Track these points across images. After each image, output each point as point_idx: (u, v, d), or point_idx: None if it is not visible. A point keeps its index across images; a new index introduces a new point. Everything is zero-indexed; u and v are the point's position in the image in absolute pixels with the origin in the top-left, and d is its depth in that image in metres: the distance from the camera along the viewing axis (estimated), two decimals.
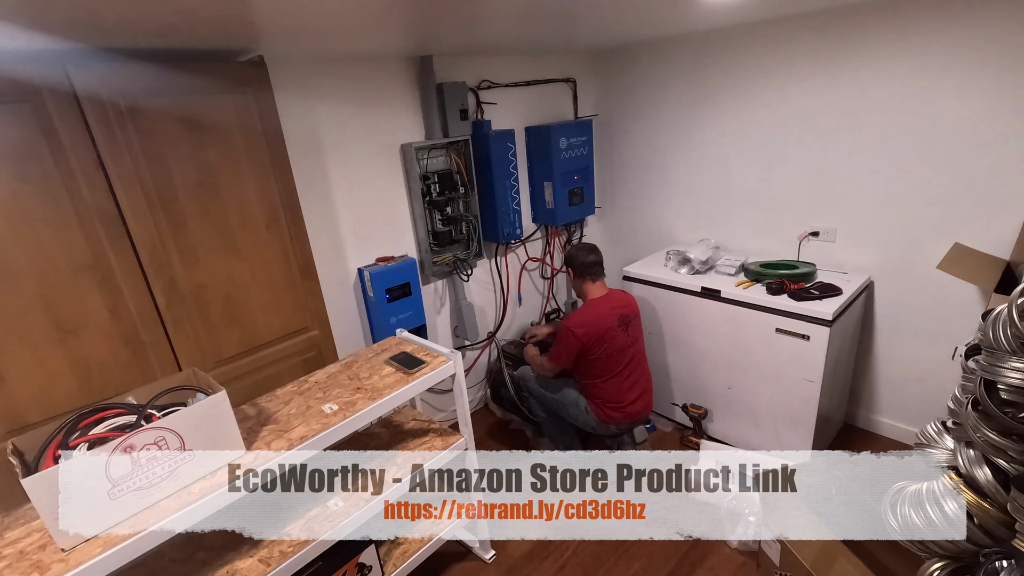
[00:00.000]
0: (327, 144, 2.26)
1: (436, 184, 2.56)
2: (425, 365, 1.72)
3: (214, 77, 1.61)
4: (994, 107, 1.96)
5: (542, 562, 2.10)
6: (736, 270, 2.57)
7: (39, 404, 1.44)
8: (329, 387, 1.67)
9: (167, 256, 1.60)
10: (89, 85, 1.38)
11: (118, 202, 1.49)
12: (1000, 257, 1.97)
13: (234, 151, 1.69)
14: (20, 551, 1.12)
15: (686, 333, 2.65)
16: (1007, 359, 0.92)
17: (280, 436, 1.43)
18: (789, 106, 2.46)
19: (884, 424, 2.65)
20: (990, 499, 0.96)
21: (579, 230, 3.47)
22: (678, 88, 2.84)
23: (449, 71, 2.53)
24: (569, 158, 2.94)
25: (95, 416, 1.21)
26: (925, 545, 1.05)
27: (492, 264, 3.04)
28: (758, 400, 2.46)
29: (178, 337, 1.66)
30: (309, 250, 1.94)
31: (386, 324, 2.43)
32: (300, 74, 2.11)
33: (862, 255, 2.45)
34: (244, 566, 1.41)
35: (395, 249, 2.58)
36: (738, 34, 2.52)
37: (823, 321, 2.12)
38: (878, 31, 2.12)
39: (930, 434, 1.15)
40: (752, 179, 2.71)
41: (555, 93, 3.11)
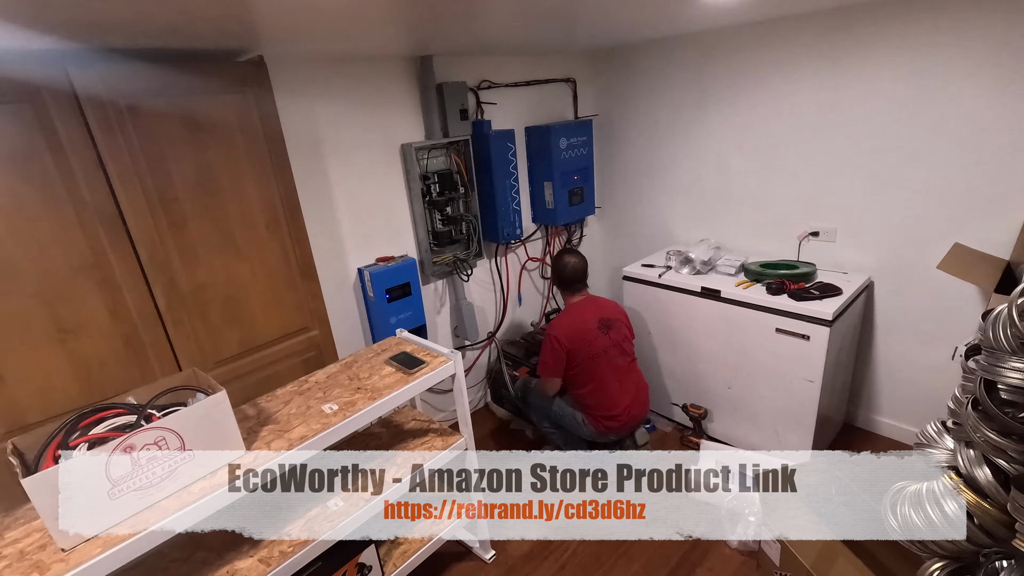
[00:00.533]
0: (327, 144, 2.26)
1: (436, 184, 2.56)
2: (425, 365, 1.72)
3: (214, 77, 1.61)
4: (994, 107, 1.96)
5: (542, 562, 2.10)
6: (736, 270, 2.57)
7: (39, 404, 1.44)
8: (329, 387, 1.67)
9: (167, 256, 1.60)
10: (89, 85, 1.38)
11: (118, 202, 1.49)
12: (1000, 257, 1.97)
13: (234, 151, 1.69)
14: (20, 551, 1.12)
15: (686, 333, 2.65)
16: (1007, 359, 0.92)
17: (280, 436, 1.43)
18: (789, 106, 2.46)
19: (884, 424, 2.65)
20: (990, 499, 0.96)
21: (579, 230, 3.47)
22: (678, 88, 2.84)
23: (449, 71, 2.53)
24: (569, 158, 2.94)
25: (95, 416, 1.21)
26: (925, 545, 1.05)
27: (492, 264, 3.04)
28: (758, 400, 2.47)
29: (178, 337, 1.66)
30: (309, 250, 1.94)
31: (386, 324, 2.43)
32: (300, 74, 2.11)
33: (862, 255, 2.45)
34: (244, 566, 1.41)
35: (395, 249, 2.58)
36: (738, 34, 2.52)
37: (823, 321, 2.12)
38: (878, 31, 2.12)
39: (930, 434, 1.15)
40: (752, 179, 2.71)
41: (555, 93, 3.11)
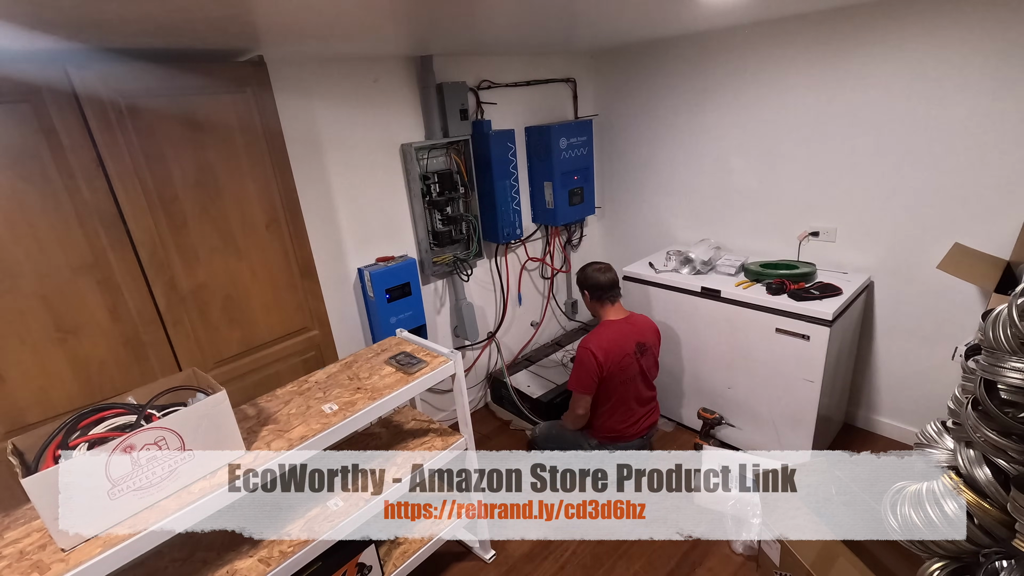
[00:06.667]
0: (327, 144, 2.26)
1: (436, 184, 2.55)
2: (425, 365, 1.72)
3: (214, 77, 1.61)
4: (994, 107, 1.95)
5: (542, 562, 2.10)
6: (736, 270, 2.57)
7: (39, 404, 1.44)
8: (329, 387, 1.67)
9: (167, 256, 1.60)
10: (89, 85, 1.38)
11: (118, 202, 1.49)
12: (1000, 257, 1.97)
13: (234, 151, 1.69)
14: (20, 551, 1.12)
15: (686, 333, 2.65)
16: (1007, 359, 0.92)
17: (280, 436, 1.43)
18: (789, 106, 2.46)
19: (884, 424, 2.65)
20: (990, 499, 0.96)
21: (579, 230, 3.47)
22: (678, 88, 2.84)
23: (449, 71, 2.53)
24: (569, 158, 2.94)
25: (95, 416, 1.21)
26: (925, 545, 1.05)
27: (492, 264, 3.04)
28: (758, 400, 2.46)
29: (178, 337, 1.66)
30: (309, 250, 1.94)
31: (386, 324, 2.43)
32: (300, 74, 2.11)
33: (862, 255, 2.45)
34: (244, 566, 1.41)
35: (395, 249, 2.58)
36: (738, 34, 2.52)
37: (823, 321, 2.12)
38: (878, 31, 2.12)
39: (930, 434, 1.15)
40: (752, 179, 2.71)
41: (555, 93, 3.11)
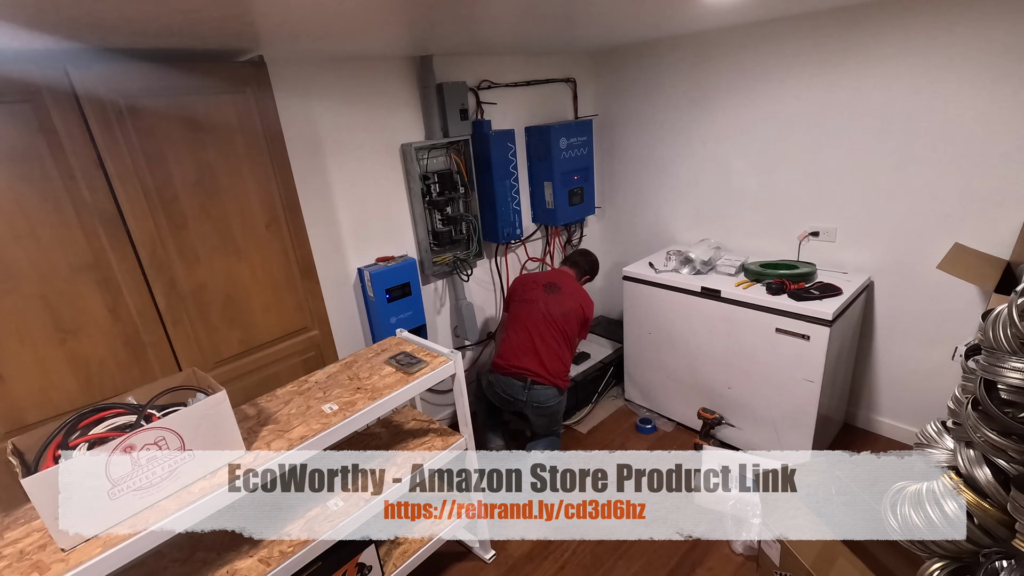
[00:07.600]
0: (327, 144, 2.26)
1: (436, 184, 2.55)
2: (425, 365, 1.72)
3: (214, 77, 1.61)
4: (994, 107, 1.95)
5: (542, 562, 2.10)
6: (736, 270, 2.57)
7: (39, 404, 1.44)
8: (329, 387, 1.67)
9: (167, 256, 1.60)
10: (89, 85, 1.38)
11: (118, 202, 1.49)
12: (1000, 257, 1.97)
13: (234, 151, 1.69)
14: (20, 551, 1.12)
15: (686, 333, 2.65)
16: (1007, 359, 0.92)
17: (280, 436, 1.43)
18: (789, 106, 2.46)
19: (884, 424, 2.65)
20: (990, 499, 0.96)
21: (579, 230, 3.47)
22: (678, 88, 2.84)
23: (449, 71, 2.53)
24: (569, 158, 2.94)
25: (95, 416, 1.21)
26: (925, 545, 1.05)
27: (492, 264, 3.04)
28: (758, 400, 2.46)
29: (178, 337, 1.66)
30: (309, 250, 1.94)
31: (386, 324, 2.43)
32: (300, 74, 2.11)
33: (862, 255, 2.45)
34: (244, 566, 1.41)
35: (395, 249, 2.58)
36: (738, 34, 2.52)
37: (823, 321, 2.12)
38: (878, 31, 2.12)
39: (930, 434, 1.15)
40: (752, 179, 2.71)
41: (555, 93, 3.11)
